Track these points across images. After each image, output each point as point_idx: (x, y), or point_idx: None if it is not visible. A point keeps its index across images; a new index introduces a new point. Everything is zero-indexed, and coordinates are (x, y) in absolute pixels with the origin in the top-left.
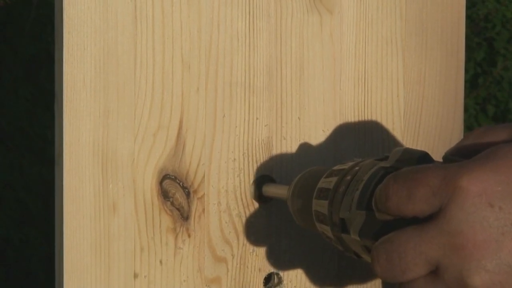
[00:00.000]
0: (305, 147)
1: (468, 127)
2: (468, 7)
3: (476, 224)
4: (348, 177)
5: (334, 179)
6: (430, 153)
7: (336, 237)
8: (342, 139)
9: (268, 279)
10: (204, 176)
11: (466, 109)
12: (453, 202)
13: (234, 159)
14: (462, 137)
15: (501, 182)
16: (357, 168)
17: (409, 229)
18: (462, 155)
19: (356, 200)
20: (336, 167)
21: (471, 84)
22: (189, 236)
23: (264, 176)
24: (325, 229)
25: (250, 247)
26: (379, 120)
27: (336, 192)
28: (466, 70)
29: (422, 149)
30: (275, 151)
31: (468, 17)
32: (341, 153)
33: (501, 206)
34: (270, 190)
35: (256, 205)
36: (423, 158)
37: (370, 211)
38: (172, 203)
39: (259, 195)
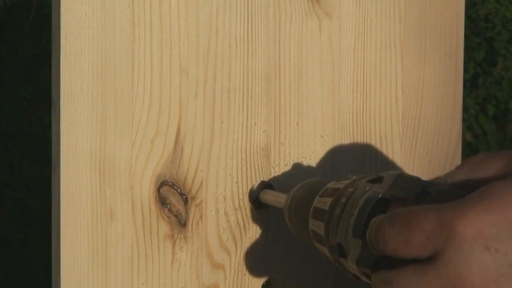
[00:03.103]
0: (303, 153)
1: (468, 127)
2: (468, 7)
3: (473, 267)
4: (343, 200)
5: (329, 200)
6: (428, 157)
7: (335, 259)
8: (340, 144)
9: (265, 286)
10: (202, 183)
11: (466, 109)
12: (449, 246)
13: (232, 165)
14: (460, 141)
15: (495, 223)
16: (351, 189)
17: (408, 270)
18: (457, 185)
19: (351, 226)
20: (330, 185)
21: (471, 84)
22: (186, 242)
23: (262, 183)
24: (323, 249)
25: (247, 254)
26: (377, 124)
27: (332, 215)
28: (466, 70)
29: (420, 153)
30: (273, 157)
31: (468, 17)
32: (339, 159)
33: (497, 248)
34: (268, 197)
35: (254, 211)
36: (418, 192)
37: (366, 239)
38: (169, 210)
39: (257, 202)
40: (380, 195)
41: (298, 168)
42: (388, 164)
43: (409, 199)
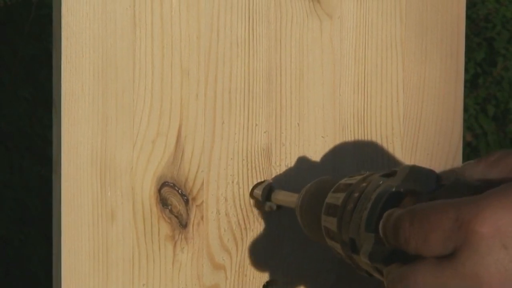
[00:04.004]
0: (304, 154)
1: (468, 127)
2: (468, 7)
3: (490, 267)
4: (356, 194)
5: (341, 195)
6: (429, 158)
7: (347, 255)
8: (341, 145)
9: (266, 286)
10: (203, 183)
11: (466, 109)
12: (467, 245)
13: (233, 166)
14: (461, 142)
15: None
16: (364, 184)
17: (425, 266)
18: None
19: (364, 220)
20: (343, 181)
21: (471, 84)
22: (187, 243)
23: (268, 184)
24: (335, 245)
25: (248, 255)
26: (378, 125)
27: (345, 210)
28: (466, 70)
29: (421, 153)
30: (275, 157)
31: (468, 17)
32: (340, 159)
33: None
34: (280, 198)
35: (255, 212)
36: (432, 184)
37: (379, 233)
38: (170, 211)
39: (257, 203)
40: (393, 189)
41: (299, 169)
42: (389, 164)
43: (423, 192)
